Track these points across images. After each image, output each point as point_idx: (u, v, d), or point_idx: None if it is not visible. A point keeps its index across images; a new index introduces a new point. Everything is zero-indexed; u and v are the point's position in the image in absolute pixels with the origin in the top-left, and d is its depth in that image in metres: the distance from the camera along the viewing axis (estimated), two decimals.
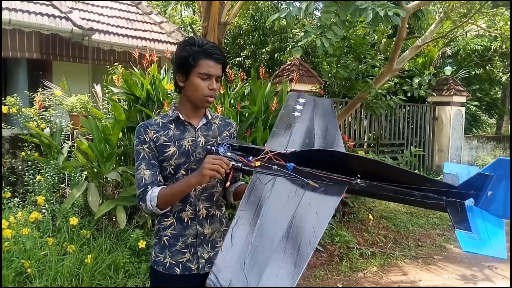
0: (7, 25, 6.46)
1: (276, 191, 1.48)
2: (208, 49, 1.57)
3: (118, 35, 8.17)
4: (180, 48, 1.60)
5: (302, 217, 1.40)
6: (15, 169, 4.38)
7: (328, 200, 1.49)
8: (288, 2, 7.80)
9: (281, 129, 1.82)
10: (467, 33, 7.81)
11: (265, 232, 1.33)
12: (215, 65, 1.58)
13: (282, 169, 1.57)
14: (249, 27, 10.00)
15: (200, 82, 1.57)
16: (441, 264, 4.57)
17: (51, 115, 4.57)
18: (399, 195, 1.59)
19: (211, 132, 1.70)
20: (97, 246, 3.39)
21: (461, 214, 1.55)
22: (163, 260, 1.64)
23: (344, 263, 4.32)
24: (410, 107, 8.94)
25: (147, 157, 1.60)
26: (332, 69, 6.02)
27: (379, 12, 2.44)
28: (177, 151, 1.61)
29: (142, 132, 1.61)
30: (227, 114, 4.21)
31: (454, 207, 1.58)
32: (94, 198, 3.58)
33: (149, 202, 1.54)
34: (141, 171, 1.58)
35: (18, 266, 2.94)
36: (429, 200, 1.59)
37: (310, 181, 1.53)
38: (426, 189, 1.60)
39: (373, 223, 5.51)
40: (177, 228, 1.65)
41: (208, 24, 6.25)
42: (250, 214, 1.38)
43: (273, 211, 1.41)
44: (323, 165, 1.60)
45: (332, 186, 1.54)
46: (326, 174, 1.58)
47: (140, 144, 1.61)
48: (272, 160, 1.58)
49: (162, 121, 1.65)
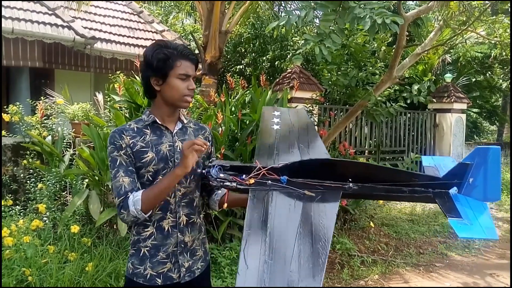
0: (10, 34, 6.53)
1: (276, 206, 1.50)
2: (183, 51, 1.59)
3: (120, 43, 8.23)
4: (153, 52, 1.57)
5: (307, 228, 1.42)
6: (16, 177, 4.40)
7: (327, 207, 1.52)
8: (287, 10, 7.85)
9: (264, 144, 1.84)
10: (467, 41, 7.85)
11: (276, 248, 1.34)
12: (191, 65, 1.60)
13: (276, 183, 1.58)
14: (249, 35, 10.07)
15: (180, 83, 1.57)
16: (442, 272, 4.55)
17: (53, 123, 4.59)
18: (390, 193, 1.69)
19: (187, 137, 1.69)
20: (98, 254, 3.39)
21: (449, 203, 1.67)
22: (143, 272, 1.59)
23: (345, 271, 4.31)
24: (411, 114, 8.95)
25: (124, 164, 1.54)
26: (332, 77, 6.05)
27: (377, 20, 2.46)
28: (155, 157, 1.58)
29: (117, 138, 1.56)
30: (228, 122, 4.23)
31: (441, 197, 1.69)
32: (95, 206, 3.59)
33: (132, 207, 1.48)
34: (119, 178, 1.52)
35: (19, 274, 2.94)
36: (417, 194, 1.69)
37: (306, 191, 1.56)
38: (414, 184, 1.70)
39: (374, 231, 5.49)
40: (158, 238, 1.60)
41: (209, 32, 6.30)
42: (257, 233, 1.39)
43: (278, 225, 1.42)
44: (315, 174, 1.64)
45: (328, 193, 1.58)
46: (319, 182, 1.62)
47: (115, 151, 1.55)
48: (265, 176, 1.60)
49: (136, 126, 1.61)
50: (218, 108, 4.47)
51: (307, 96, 6.53)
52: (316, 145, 1.90)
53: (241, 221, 4.05)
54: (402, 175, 1.76)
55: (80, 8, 7.54)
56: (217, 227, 3.88)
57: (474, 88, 11.59)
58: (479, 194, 1.70)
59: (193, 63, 1.61)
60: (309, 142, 1.91)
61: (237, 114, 4.35)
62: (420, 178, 1.73)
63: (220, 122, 4.00)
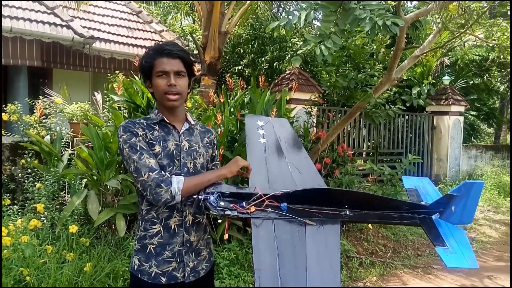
0: (9, 33, 6.51)
1: (280, 236, 1.52)
2: (159, 48, 1.60)
3: (119, 43, 8.22)
4: (143, 56, 1.66)
5: (315, 261, 1.47)
6: (14, 176, 4.38)
7: (329, 235, 1.59)
8: (287, 11, 7.87)
9: (255, 162, 1.85)
10: (465, 43, 7.87)
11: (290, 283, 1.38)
12: (168, 61, 1.58)
13: (276, 210, 1.59)
14: (248, 36, 10.08)
15: (159, 81, 1.59)
16: (440, 274, 4.55)
17: (51, 122, 4.58)
18: (381, 219, 1.85)
19: (193, 138, 1.70)
20: (97, 254, 3.38)
21: (434, 230, 1.87)
22: (149, 270, 1.60)
23: (344, 272, 4.31)
24: (409, 116, 8.97)
25: (145, 148, 1.54)
26: (331, 78, 6.05)
27: (377, 22, 2.46)
28: (162, 151, 1.59)
29: (132, 127, 1.58)
30: (227, 123, 4.23)
31: (425, 222, 1.90)
32: (94, 206, 3.57)
33: (176, 184, 1.48)
34: (146, 159, 1.51)
35: (17, 274, 2.93)
36: (406, 220, 1.89)
37: (306, 220, 1.59)
38: (403, 211, 1.88)
39: (373, 232, 5.49)
40: (164, 236, 1.61)
41: (208, 33, 6.30)
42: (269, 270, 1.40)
43: (287, 259, 1.45)
44: (313, 201, 1.68)
45: (327, 221, 1.64)
46: (317, 209, 1.66)
47: (133, 137, 1.55)
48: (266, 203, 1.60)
49: (145, 122, 1.64)
50: (217, 108, 4.47)
51: (305, 98, 6.54)
52: (306, 165, 1.96)
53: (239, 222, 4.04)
54: (393, 203, 1.95)
55: (79, 8, 7.54)
56: (215, 228, 3.87)
57: (472, 91, 11.62)
58: (456, 219, 1.93)
59: (171, 57, 1.59)
60: (298, 160, 1.97)
61: (236, 115, 4.34)
62: (409, 206, 1.92)
63: (219, 123, 4.00)
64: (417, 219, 1.89)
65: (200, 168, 1.67)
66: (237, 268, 3.78)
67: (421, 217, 1.90)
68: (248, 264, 3.92)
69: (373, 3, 2.67)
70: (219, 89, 6.07)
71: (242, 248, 4.04)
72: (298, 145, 2.09)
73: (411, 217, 1.88)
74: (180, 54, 1.60)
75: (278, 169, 1.84)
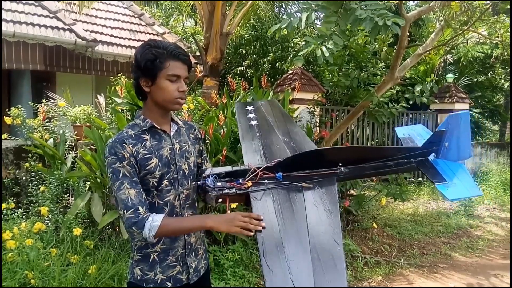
0: (12, 37, 6.54)
1: (279, 204, 1.54)
2: (174, 50, 1.52)
3: (121, 46, 8.25)
4: (142, 52, 1.52)
5: (315, 220, 1.47)
6: (18, 180, 4.40)
7: (327, 193, 1.60)
8: (289, 13, 7.86)
9: (248, 143, 1.90)
10: (468, 41, 7.82)
11: (293, 246, 1.38)
12: (182, 66, 1.54)
13: (272, 180, 1.62)
14: (250, 37, 10.08)
15: (169, 85, 1.51)
16: (446, 273, 4.52)
17: (54, 126, 4.59)
18: (378, 169, 1.82)
19: (182, 138, 1.67)
20: (101, 257, 3.39)
21: (432, 169, 1.83)
22: (154, 277, 1.57)
23: (349, 272, 4.29)
24: (413, 115, 8.93)
25: (128, 175, 1.47)
26: (333, 78, 6.03)
27: (378, 22, 2.45)
28: (159, 162, 1.54)
29: (119, 148, 1.48)
30: (230, 124, 4.23)
31: (423, 165, 1.87)
32: (98, 208, 3.59)
33: (147, 230, 1.42)
34: (125, 190, 1.45)
35: (21, 277, 2.93)
36: (402, 166, 1.85)
37: (303, 183, 1.62)
38: (398, 157, 1.84)
39: (377, 232, 5.47)
40: (166, 242, 1.58)
41: (210, 34, 6.31)
42: (271, 236, 1.41)
43: (288, 223, 1.46)
44: (306, 166, 1.69)
45: (323, 181, 1.65)
46: (312, 172, 1.67)
47: (117, 162, 1.47)
48: (261, 176, 1.63)
49: (133, 132, 1.55)
50: (220, 109, 4.47)
51: (308, 97, 6.53)
52: (297, 134, 1.99)
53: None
54: (386, 151, 1.93)
55: (81, 11, 7.57)
56: None
57: (475, 88, 11.55)
58: (453, 155, 1.91)
59: (184, 63, 1.54)
60: (289, 133, 2.00)
61: None
62: (402, 151, 1.89)
63: (222, 124, 4.00)
64: (414, 163, 1.86)
65: (193, 166, 1.68)
66: (241, 269, 3.77)
67: (418, 160, 1.87)
68: (252, 265, 3.91)
69: (374, 3, 2.66)
70: (221, 90, 6.07)
71: (246, 249, 4.03)
72: (288, 119, 2.13)
73: (407, 162, 1.85)
74: (190, 61, 1.59)
75: (273, 146, 1.89)
